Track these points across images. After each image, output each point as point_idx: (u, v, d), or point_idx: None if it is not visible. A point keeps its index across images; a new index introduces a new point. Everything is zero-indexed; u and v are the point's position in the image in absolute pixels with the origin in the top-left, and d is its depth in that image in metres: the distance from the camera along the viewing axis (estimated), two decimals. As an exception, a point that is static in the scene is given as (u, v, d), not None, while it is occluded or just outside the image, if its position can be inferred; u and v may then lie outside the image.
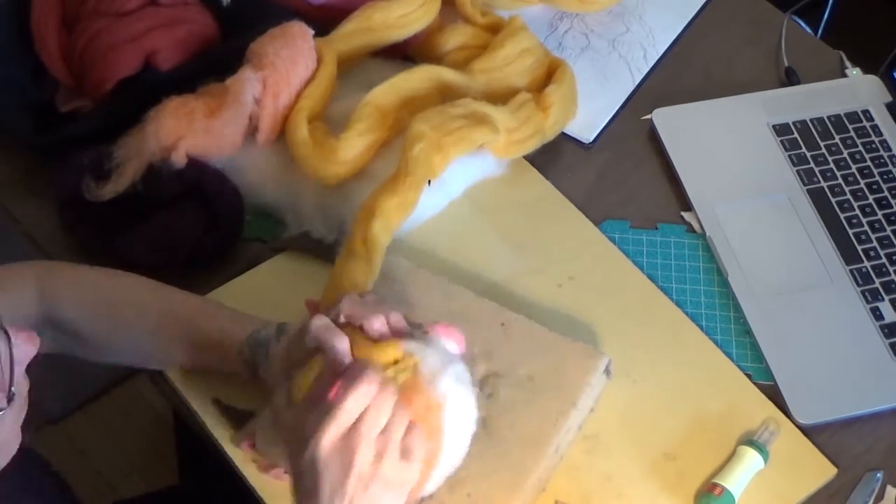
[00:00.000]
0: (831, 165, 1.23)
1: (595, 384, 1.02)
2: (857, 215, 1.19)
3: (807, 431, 1.05)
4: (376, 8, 1.23)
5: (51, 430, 1.99)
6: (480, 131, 1.13)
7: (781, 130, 1.25)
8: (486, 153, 1.17)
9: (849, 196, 1.20)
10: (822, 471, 1.04)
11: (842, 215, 1.19)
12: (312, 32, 1.19)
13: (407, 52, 1.27)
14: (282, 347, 0.94)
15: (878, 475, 1.04)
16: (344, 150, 1.13)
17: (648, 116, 1.27)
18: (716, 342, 1.11)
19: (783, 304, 1.13)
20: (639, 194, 1.22)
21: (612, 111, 1.28)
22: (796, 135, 1.25)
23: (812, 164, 1.23)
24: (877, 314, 1.12)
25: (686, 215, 1.20)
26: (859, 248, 1.17)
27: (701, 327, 1.12)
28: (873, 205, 1.20)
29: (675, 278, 1.15)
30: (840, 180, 1.22)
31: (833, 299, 1.13)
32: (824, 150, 1.24)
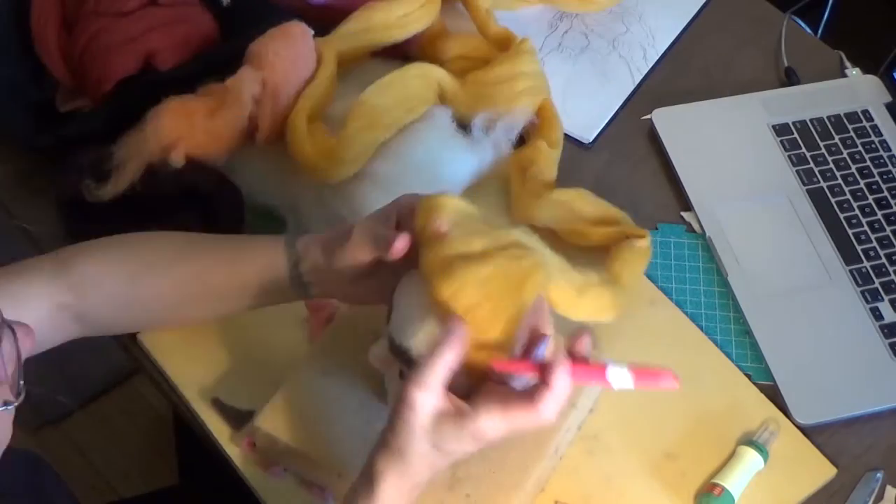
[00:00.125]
0: (831, 165, 1.23)
1: (595, 385, 1.02)
2: (856, 215, 1.19)
3: (807, 431, 1.05)
4: (376, 8, 1.23)
5: (51, 430, 1.99)
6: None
7: (781, 130, 1.25)
8: (483, 151, 1.17)
9: (848, 196, 1.20)
10: (821, 471, 1.04)
11: (841, 215, 1.19)
12: (312, 32, 1.18)
13: (408, 53, 1.26)
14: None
15: (878, 475, 1.04)
16: (343, 150, 1.13)
17: (648, 116, 1.27)
18: (716, 342, 1.11)
19: (783, 304, 1.13)
20: (639, 194, 1.22)
21: (612, 111, 1.28)
22: (796, 135, 1.25)
23: (812, 165, 1.23)
24: (877, 314, 1.12)
25: (686, 215, 1.20)
26: (859, 248, 1.17)
27: (701, 327, 1.12)
28: (873, 205, 1.20)
29: (675, 278, 1.15)
30: (840, 180, 1.22)
31: (833, 299, 1.13)
32: (824, 151, 1.24)
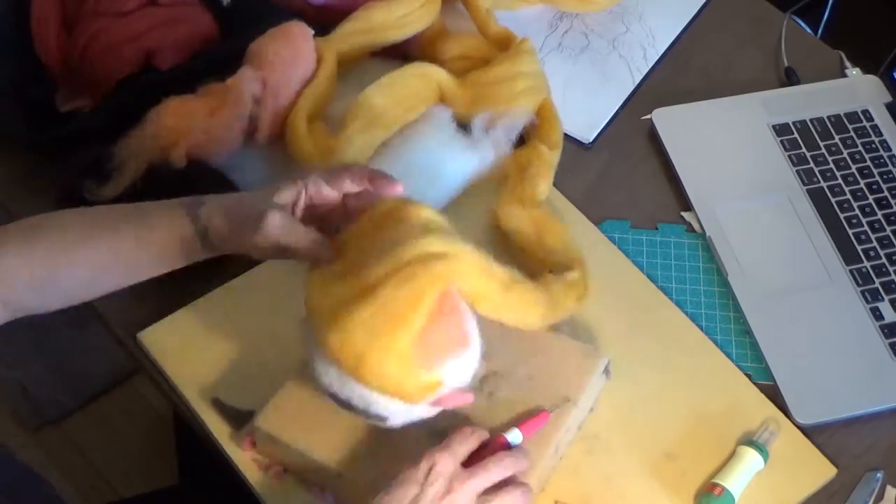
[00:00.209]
0: (831, 165, 1.23)
1: (594, 384, 1.02)
2: (856, 215, 1.19)
3: (807, 431, 1.05)
4: (376, 8, 1.23)
5: (51, 430, 1.99)
6: None
7: (781, 130, 1.25)
8: (483, 151, 1.17)
9: (848, 196, 1.20)
10: (821, 471, 1.04)
11: (841, 215, 1.19)
12: (312, 32, 1.19)
13: (408, 52, 1.26)
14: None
15: (878, 475, 1.04)
16: (342, 150, 1.13)
17: (648, 116, 1.27)
18: (716, 342, 1.11)
19: (783, 304, 1.13)
20: (639, 194, 1.22)
21: (612, 111, 1.28)
22: (796, 135, 1.25)
23: (812, 164, 1.23)
24: (877, 314, 1.12)
25: (686, 215, 1.20)
26: (859, 248, 1.17)
27: (701, 327, 1.12)
28: (873, 205, 1.20)
29: (675, 278, 1.15)
30: (840, 180, 1.22)
31: (833, 299, 1.13)
32: (824, 151, 1.24)
